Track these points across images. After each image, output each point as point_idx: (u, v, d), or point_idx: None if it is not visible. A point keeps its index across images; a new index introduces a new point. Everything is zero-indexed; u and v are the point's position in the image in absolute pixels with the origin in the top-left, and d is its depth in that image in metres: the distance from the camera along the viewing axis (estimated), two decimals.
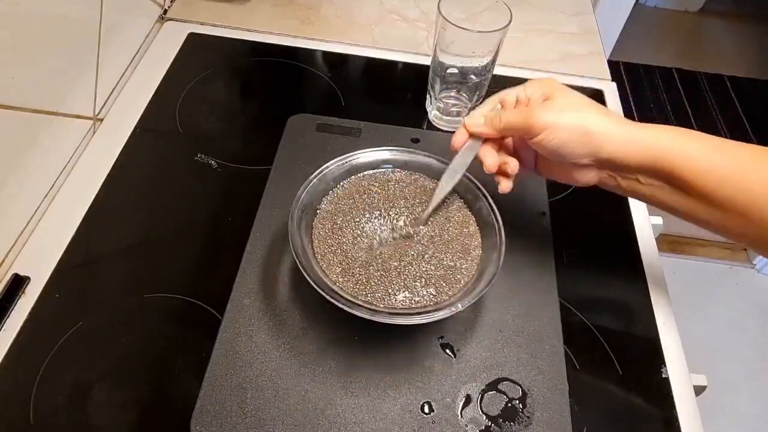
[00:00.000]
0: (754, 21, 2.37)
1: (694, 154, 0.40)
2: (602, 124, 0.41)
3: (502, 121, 0.44)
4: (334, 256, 0.46)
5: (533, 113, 0.42)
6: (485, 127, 0.45)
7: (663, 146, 0.40)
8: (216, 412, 0.42)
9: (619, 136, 0.41)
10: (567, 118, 0.42)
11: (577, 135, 0.41)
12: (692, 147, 0.40)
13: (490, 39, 0.57)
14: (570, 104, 0.43)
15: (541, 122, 0.42)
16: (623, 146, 0.41)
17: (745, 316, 1.50)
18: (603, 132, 0.41)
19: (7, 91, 0.50)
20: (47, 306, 0.49)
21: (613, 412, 0.47)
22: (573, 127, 0.41)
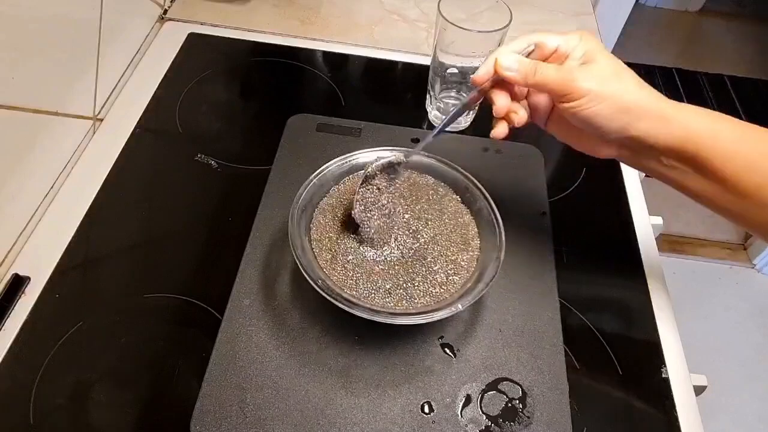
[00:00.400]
0: (754, 21, 2.37)
1: (724, 137, 0.38)
2: (640, 99, 0.39)
3: (537, 76, 0.40)
4: (334, 255, 0.46)
5: (575, 76, 0.39)
6: (517, 74, 0.41)
7: (693, 128, 0.39)
8: (216, 412, 0.42)
9: (654, 114, 0.39)
10: (609, 89, 0.38)
11: (615, 108, 0.39)
12: (723, 131, 0.39)
13: (490, 39, 0.57)
14: (612, 71, 0.39)
15: (582, 88, 0.38)
16: (655, 125, 0.39)
17: (745, 316, 1.50)
18: (639, 108, 0.39)
19: (7, 91, 0.50)
20: (47, 306, 0.49)
21: (613, 412, 0.47)
22: (612, 98, 0.39)
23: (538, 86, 0.41)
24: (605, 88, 0.39)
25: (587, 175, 0.63)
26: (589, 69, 0.40)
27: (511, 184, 0.59)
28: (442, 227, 0.49)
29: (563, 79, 0.39)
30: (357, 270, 0.46)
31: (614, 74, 0.40)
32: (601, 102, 0.39)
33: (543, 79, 0.40)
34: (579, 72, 0.39)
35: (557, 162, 0.65)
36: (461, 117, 0.65)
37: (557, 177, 0.62)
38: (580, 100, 0.39)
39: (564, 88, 0.39)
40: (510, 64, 0.41)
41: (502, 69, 0.41)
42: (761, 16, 2.37)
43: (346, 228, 0.48)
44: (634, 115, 0.39)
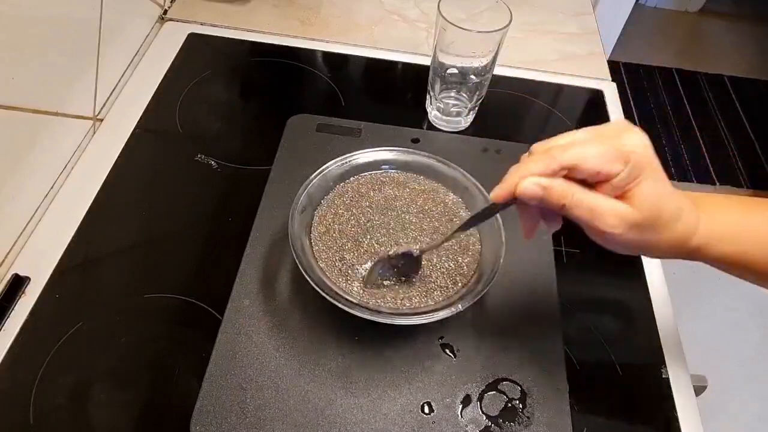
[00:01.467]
0: (754, 21, 2.37)
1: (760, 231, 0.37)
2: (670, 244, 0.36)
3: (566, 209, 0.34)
4: (334, 256, 0.46)
5: (606, 221, 0.33)
6: (542, 203, 0.34)
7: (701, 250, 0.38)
8: (216, 412, 0.42)
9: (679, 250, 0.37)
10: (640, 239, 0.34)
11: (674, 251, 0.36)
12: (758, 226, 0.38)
13: (490, 39, 0.57)
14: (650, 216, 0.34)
15: (612, 238, 0.34)
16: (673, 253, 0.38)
17: (745, 316, 1.50)
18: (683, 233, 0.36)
19: (7, 91, 0.50)
20: (47, 306, 0.49)
21: (613, 412, 0.47)
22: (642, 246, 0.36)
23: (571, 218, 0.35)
24: (634, 237, 0.34)
25: None
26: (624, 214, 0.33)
27: None
28: (442, 227, 0.49)
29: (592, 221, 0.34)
30: (357, 270, 0.46)
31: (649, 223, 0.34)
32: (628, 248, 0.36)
33: (570, 212, 0.34)
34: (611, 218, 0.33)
35: None
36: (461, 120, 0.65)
37: None
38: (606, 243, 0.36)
39: (591, 227, 0.34)
40: (534, 192, 0.34)
41: (524, 197, 0.34)
42: (761, 16, 2.37)
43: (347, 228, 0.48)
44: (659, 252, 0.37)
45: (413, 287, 0.45)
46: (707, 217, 0.37)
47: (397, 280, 0.46)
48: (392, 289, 0.45)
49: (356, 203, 0.50)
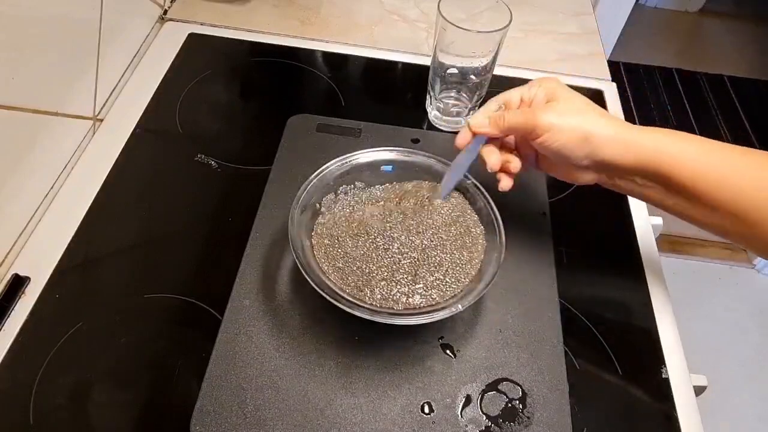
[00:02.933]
0: (754, 21, 2.37)
1: (687, 157, 0.41)
2: (601, 127, 0.42)
3: (506, 122, 0.45)
4: (334, 256, 0.46)
5: (536, 114, 0.43)
6: (489, 128, 0.46)
7: (658, 150, 0.41)
8: (216, 412, 0.42)
9: (616, 140, 0.42)
10: (569, 121, 0.43)
11: (577, 138, 0.42)
12: (686, 150, 0.41)
13: (490, 39, 0.57)
14: (572, 107, 0.44)
15: (544, 124, 0.43)
16: (620, 150, 0.42)
17: (745, 317, 1.50)
18: (601, 136, 0.42)
19: (7, 91, 0.50)
20: (47, 306, 0.49)
21: (613, 412, 0.47)
22: (574, 130, 0.42)
23: (510, 130, 0.45)
24: (565, 120, 0.43)
25: None
26: (550, 106, 0.44)
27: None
28: (442, 228, 0.49)
29: (527, 119, 0.44)
30: (357, 270, 0.46)
31: (574, 109, 0.44)
32: (564, 134, 0.42)
33: (511, 122, 0.45)
34: (540, 110, 0.43)
35: None
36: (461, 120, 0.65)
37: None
38: (544, 135, 0.43)
39: (528, 125, 0.43)
40: (480, 122, 0.46)
41: (476, 127, 0.46)
42: (761, 16, 2.37)
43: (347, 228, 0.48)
44: (597, 143, 0.42)
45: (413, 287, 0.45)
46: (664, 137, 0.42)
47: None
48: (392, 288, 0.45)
49: (357, 203, 0.50)
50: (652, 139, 0.42)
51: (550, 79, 0.46)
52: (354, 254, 0.46)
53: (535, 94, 0.46)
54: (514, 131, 0.46)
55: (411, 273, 0.46)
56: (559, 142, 0.43)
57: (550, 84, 0.46)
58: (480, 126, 0.46)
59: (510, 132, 0.46)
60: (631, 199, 0.62)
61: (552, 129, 0.42)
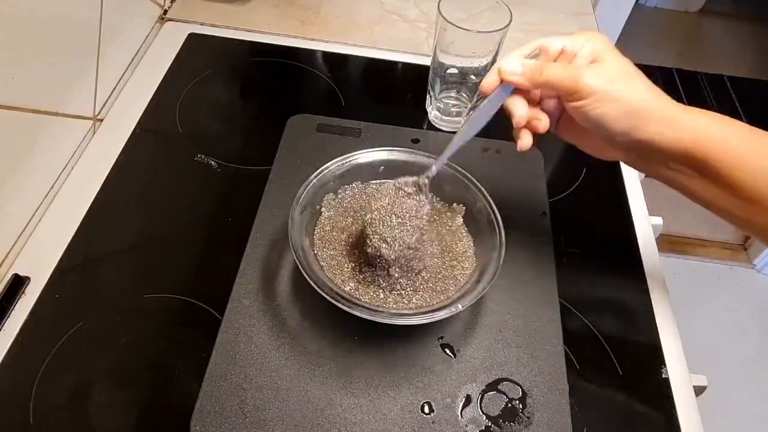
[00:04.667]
0: (754, 21, 2.37)
1: (732, 142, 0.38)
2: (648, 101, 0.38)
3: (544, 75, 0.39)
4: (334, 256, 0.46)
5: (583, 74, 0.38)
6: (523, 78, 0.40)
7: (701, 132, 0.38)
8: (216, 412, 0.42)
9: (662, 118, 0.38)
10: (617, 89, 0.38)
11: (623, 110, 0.38)
12: (731, 136, 0.38)
13: (490, 39, 0.57)
14: (621, 73, 0.39)
15: (589, 87, 0.38)
16: (663, 129, 0.38)
17: (745, 317, 1.50)
18: (648, 112, 0.38)
19: (7, 91, 0.50)
20: (47, 306, 0.49)
21: (613, 412, 0.47)
22: (621, 100, 0.38)
23: (545, 86, 0.40)
24: (613, 88, 0.38)
25: (587, 176, 0.63)
26: (597, 68, 0.39)
27: (511, 184, 0.59)
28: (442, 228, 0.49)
29: (570, 77, 0.38)
30: (357, 270, 0.46)
31: (623, 75, 0.39)
32: (608, 103, 0.38)
33: (549, 77, 0.39)
34: (586, 70, 0.39)
35: (557, 162, 0.65)
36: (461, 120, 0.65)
37: (557, 177, 0.62)
38: (587, 99, 0.38)
39: (571, 86, 0.38)
40: (515, 68, 0.40)
41: (507, 74, 0.40)
42: (761, 16, 2.37)
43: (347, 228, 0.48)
44: (642, 119, 0.38)
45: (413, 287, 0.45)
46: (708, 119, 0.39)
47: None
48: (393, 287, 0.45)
49: (357, 203, 0.50)
50: (696, 120, 0.38)
51: (598, 36, 0.40)
52: (354, 254, 0.46)
53: (580, 48, 0.40)
54: (551, 88, 0.40)
55: (411, 273, 0.46)
56: (601, 110, 0.38)
57: (598, 41, 0.40)
58: (512, 73, 0.40)
59: (546, 87, 0.40)
60: (632, 199, 0.62)
61: (597, 94, 0.38)
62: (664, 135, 0.38)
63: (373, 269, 0.46)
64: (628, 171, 0.65)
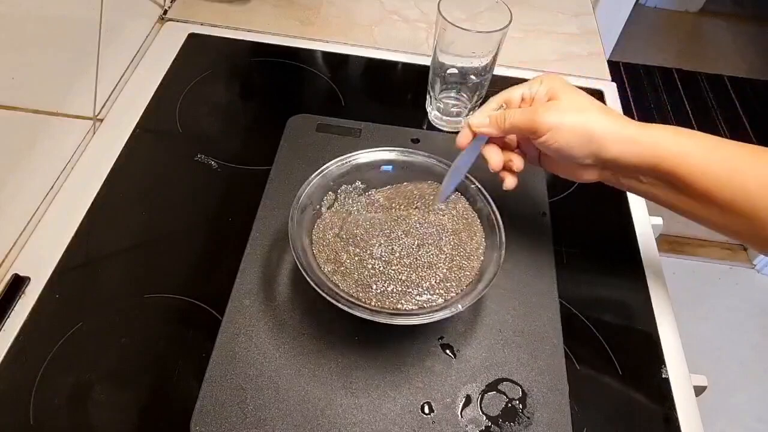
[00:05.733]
0: (754, 21, 2.37)
1: (692, 154, 0.40)
2: (604, 126, 0.42)
3: (507, 121, 0.44)
4: (334, 256, 0.46)
5: (537, 114, 0.42)
6: (490, 127, 0.45)
7: (662, 147, 0.41)
8: (216, 412, 0.42)
9: (620, 138, 0.41)
10: (571, 120, 0.42)
11: (580, 137, 0.42)
12: (690, 148, 0.40)
13: (490, 39, 0.57)
14: (573, 105, 0.43)
15: (545, 123, 0.42)
16: (624, 148, 0.41)
17: (745, 317, 1.50)
18: (604, 135, 0.41)
19: (7, 91, 0.50)
20: (47, 306, 0.49)
21: (613, 412, 0.47)
22: (576, 129, 0.42)
23: (511, 130, 0.45)
24: (567, 120, 0.42)
25: None
26: (551, 105, 0.43)
27: None
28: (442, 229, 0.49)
29: (528, 118, 0.43)
30: (357, 270, 0.46)
31: (576, 107, 0.43)
32: (566, 133, 0.42)
33: (512, 122, 0.44)
34: (541, 109, 0.43)
35: None
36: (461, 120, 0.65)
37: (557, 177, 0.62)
38: (546, 135, 0.42)
39: (530, 125, 0.43)
40: (481, 121, 0.46)
41: (476, 127, 0.46)
42: (761, 16, 2.37)
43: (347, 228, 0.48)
44: (600, 141, 0.41)
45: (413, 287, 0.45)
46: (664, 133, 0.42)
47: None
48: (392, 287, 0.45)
49: (356, 203, 0.50)
50: (655, 135, 0.41)
51: (552, 77, 0.45)
52: (354, 254, 0.46)
53: (536, 92, 0.45)
54: (516, 131, 0.45)
55: (411, 273, 0.46)
56: (561, 141, 0.42)
57: (551, 81, 0.45)
58: (480, 125, 0.46)
59: (511, 131, 0.45)
60: (632, 199, 0.62)
61: (554, 128, 0.42)
62: (625, 153, 0.41)
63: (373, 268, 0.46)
64: None
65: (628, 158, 0.42)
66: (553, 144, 0.42)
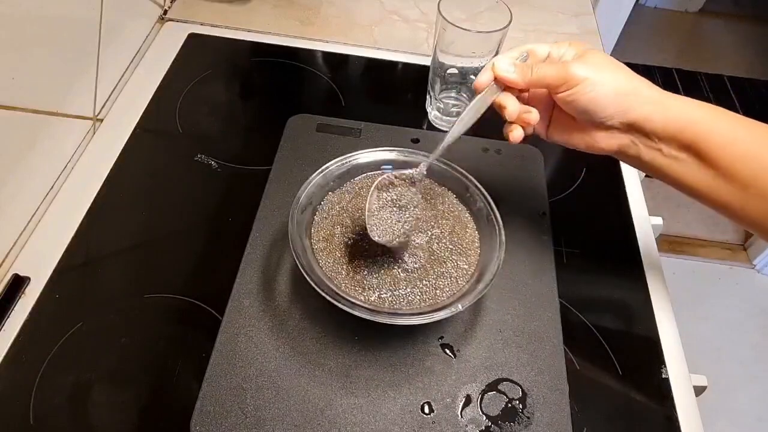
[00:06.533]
0: (754, 21, 2.37)
1: (721, 126, 0.39)
2: (636, 85, 0.41)
3: (534, 73, 0.42)
4: (334, 256, 0.46)
5: (570, 66, 0.41)
6: (515, 75, 0.42)
7: (692, 116, 0.40)
8: (216, 412, 0.42)
9: (650, 100, 0.40)
10: (604, 75, 0.40)
11: (613, 91, 0.40)
12: (721, 120, 0.40)
13: (490, 39, 0.57)
14: (606, 62, 0.41)
15: (578, 75, 0.40)
16: (653, 109, 0.40)
17: (745, 317, 1.50)
18: (637, 93, 0.40)
19: (7, 91, 0.50)
20: (47, 306, 0.49)
21: (613, 412, 0.47)
22: (608, 83, 0.40)
23: (536, 83, 0.42)
24: (601, 74, 0.40)
25: (587, 175, 0.63)
26: (584, 60, 0.41)
27: (511, 184, 0.59)
28: (442, 227, 0.49)
29: (559, 70, 0.41)
30: (357, 270, 0.46)
31: (608, 64, 0.41)
32: (598, 86, 0.40)
33: (540, 73, 0.42)
34: (574, 62, 0.41)
35: (557, 162, 0.65)
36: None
37: (557, 177, 0.62)
38: (578, 86, 0.40)
39: (561, 77, 0.41)
40: (507, 67, 0.42)
41: (501, 71, 0.42)
42: (761, 16, 2.37)
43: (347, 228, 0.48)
44: (633, 99, 0.40)
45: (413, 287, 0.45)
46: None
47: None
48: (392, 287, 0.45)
49: (355, 202, 0.50)
50: (686, 105, 0.40)
51: (579, 42, 0.44)
52: (354, 254, 0.46)
53: (564, 52, 0.43)
54: (543, 84, 0.42)
55: (411, 273, 0.46)
56: (592, 93, 0.40)
57: (580, 45, 0.43)
58: (505, 71, 0.42)
59: (538, 84, 0.42)
60: (632, 199, 0.62)
61: (586, 81, 0.40)
62: (653, 116, 0.40)
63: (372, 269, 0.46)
64: (628, 171, 0.65)
65: (655, 122, 0.40)
66: (583, 96, 0.40)
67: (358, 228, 0.48)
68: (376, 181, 0.46)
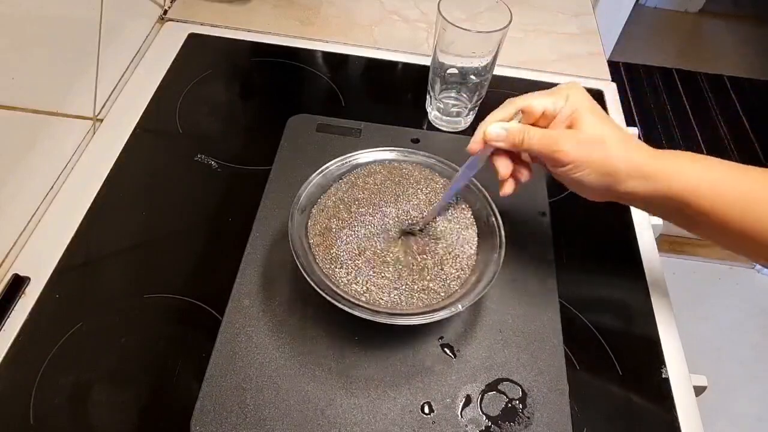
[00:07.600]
0: (754, 21, 2.37)
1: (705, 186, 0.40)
2: (622, 161, 0.40)
3: (525, 143, 0.42)
4: (334, 256, 0.46)
5: (559, 144, 0.41)
6: (505, 142, 0.43)
7: (675, 181, 0.40)
8: (216, 412, 0.42)
9: (637, 173, 0.40)
10: (591, 156, 0.41)
11: (599, 173, 0.41)
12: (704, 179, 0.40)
13: (490, 39, 0.57)
14: (595, 136, 0.41)
15: (567, 157, 0.41)
16: (639, 184, 0.41)
17: (745, 317, 1.50)
18: (619, 170, 0.41)
19: (7, 91, 0.50)
20: (47, 306, 0.49)
21: (613, 413, 0.47)
22: (595, 165, 0.41)
23: (528, 152, 0.43)
24: (588, 155, 0.41)
25: None
26: (573, 135, 0.41)
27: None
28: (442, 228, 0.49)
29: (550, 148, 0.41)
30: (357, 270, 0.46)
31: (597, 139, 0.41)
32: (583, 168, 0.41)
33: (531, 145, 0.42)
34: (562, 139, 0.41)
35: None
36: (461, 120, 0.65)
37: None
38: (565, 168, 0.41)
39: (550, 155, 0.41)
40: (497, 133, 0.43)
41: (492, 139, 0.44)
42: (761, 17, 2.37)
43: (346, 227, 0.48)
44: (616, 177, 0.41)
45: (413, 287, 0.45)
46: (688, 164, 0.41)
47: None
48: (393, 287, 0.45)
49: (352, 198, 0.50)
50: (670, 167, 0.40)
51: (577, 92, 0.43)
52: (354, 253, 0.46)
53: (560, 110, 0.43)
54: (531, 154, 0.43)
55: (411, 273, 0.46)
56: (577, 174, 0.41)
57: (577, 100, 0.42)
58: (497, 138, 0.43)
59: (527, 152, 0.44)
60: None
61: (573, 163, 0.41)
62: (638, 188, 0.41)
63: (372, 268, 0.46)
64: None
65: (642, 192, 0.41)
66: (570, 176, 0.41)
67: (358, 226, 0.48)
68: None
